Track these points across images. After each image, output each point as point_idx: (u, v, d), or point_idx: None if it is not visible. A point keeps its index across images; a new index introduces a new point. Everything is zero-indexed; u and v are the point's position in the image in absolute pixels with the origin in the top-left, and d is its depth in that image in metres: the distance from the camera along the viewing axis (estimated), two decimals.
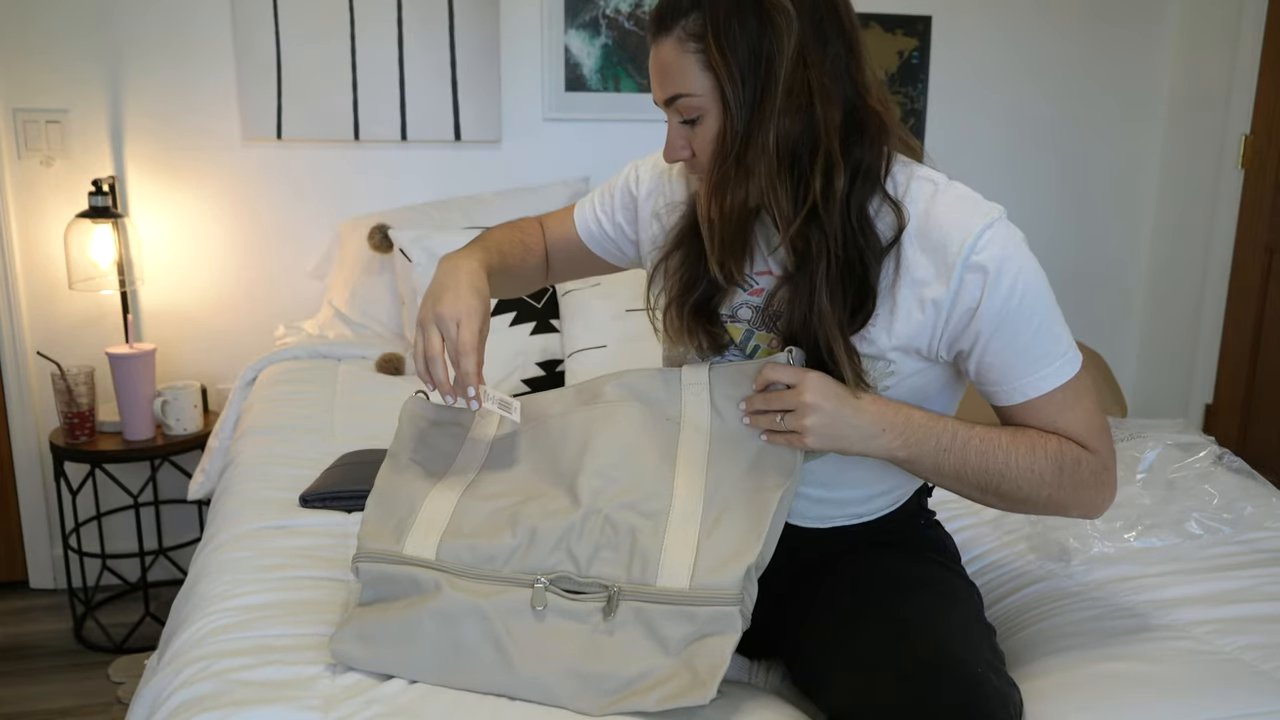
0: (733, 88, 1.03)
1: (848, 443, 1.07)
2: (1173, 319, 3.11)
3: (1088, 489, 1.11)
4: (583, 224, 1.36)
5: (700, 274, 1.16)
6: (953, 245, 1.05)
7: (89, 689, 2.20)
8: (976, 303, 1.05)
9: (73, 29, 2.40)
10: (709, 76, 1.04)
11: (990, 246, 1.04)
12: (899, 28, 2.86)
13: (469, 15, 2.57)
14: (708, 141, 1.07)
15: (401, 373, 2.30)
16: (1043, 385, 1.09)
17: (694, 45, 1.04)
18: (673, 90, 1.07)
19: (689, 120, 1.08)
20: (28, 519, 2.60)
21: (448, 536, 1.09)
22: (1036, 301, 1.07)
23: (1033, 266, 1.07)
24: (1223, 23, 2.87)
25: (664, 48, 1.06)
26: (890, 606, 1.08)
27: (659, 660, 1.00)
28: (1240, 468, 1.68)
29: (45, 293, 2.50)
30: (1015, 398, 1.10)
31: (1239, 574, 1.35)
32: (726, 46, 1.02)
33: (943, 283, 1.06)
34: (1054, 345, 1.09)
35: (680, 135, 1.10)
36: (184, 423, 2.40)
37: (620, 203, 1.32)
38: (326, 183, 2.61)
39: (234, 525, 1.49)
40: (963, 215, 1.06)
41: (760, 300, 1.16)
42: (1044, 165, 3.06)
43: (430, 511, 1.12)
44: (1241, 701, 1.07)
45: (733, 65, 1.02)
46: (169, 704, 1.03)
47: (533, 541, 1.07)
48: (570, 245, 1.37)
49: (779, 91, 1.03)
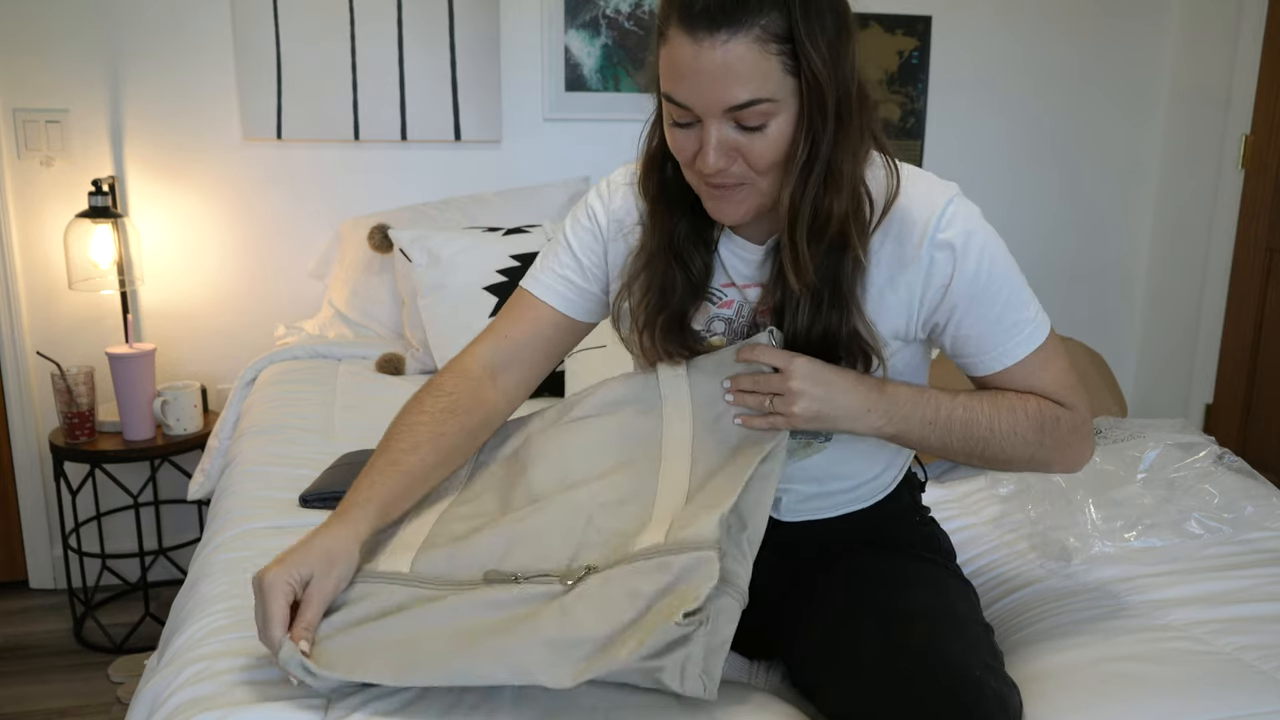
0: (823, 89, 0.97)
1: (834, 423, 1.07)
2: (1173, 319, 3.11)
3: (1067, 445, 1.14)
4: (552, 295, 1.21)
5: (673, 289, 1.12)
6: (917, 225, 1.07)
7: (89, 689, 2.20)
8: (948, 279, 1.07)
9: (72, 29, 2.40)
10: (791, 80, 0.97)
11: (955, 223, 1.06)
12: (899, 28, 2.86)
13: (469, 15, 2.57)
14: (775, 147, 0.99)
15: (402, 372, 2.30)
16: (1017, 352, 1.11)
17: (776, 46, 0.95)
18: (748, 95, 0.96)
19: (751, 127, 0.99)
20: (28, 519, 2.60)
21: (423, 550, 1.07)
22: (1004, 272, 1.09)
23: (995, 239, 1.10)
24: (1223, 22, 2.87)
25: (735, 47, 0.94)
26: (887, 606, 1.08)
27: (632, 614, 0.93)
28: (1240, 467, 1.68)
29: (45, 293, 2.50)
30: (992, 366, 1.12)
31: (1239, 574, 1.35)
32: (815, 47, 0.95)
33: (911, 263, 1.07)
34: (1023, 312, 1.11)
35: (729, 143, 1.00)
36: (184, 423, 2.40)
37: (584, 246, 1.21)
38: (326, 183, 2.61)
39: (234, 525, 1.49)
40: (922, 195, 1.08)
41: (732, 312, 1.16)
42: (1044, 165, 3.06)
43: (407, 533, 1.11)
44: (1241, 701, 1.06)
45: (821, 66, 0.96)
46: (169, 704, 1.03)
47: (510, 544, 1.05)
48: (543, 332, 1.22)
49: (855, 92, 1.00)
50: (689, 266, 1.12)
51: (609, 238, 1.21)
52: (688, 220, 1.12)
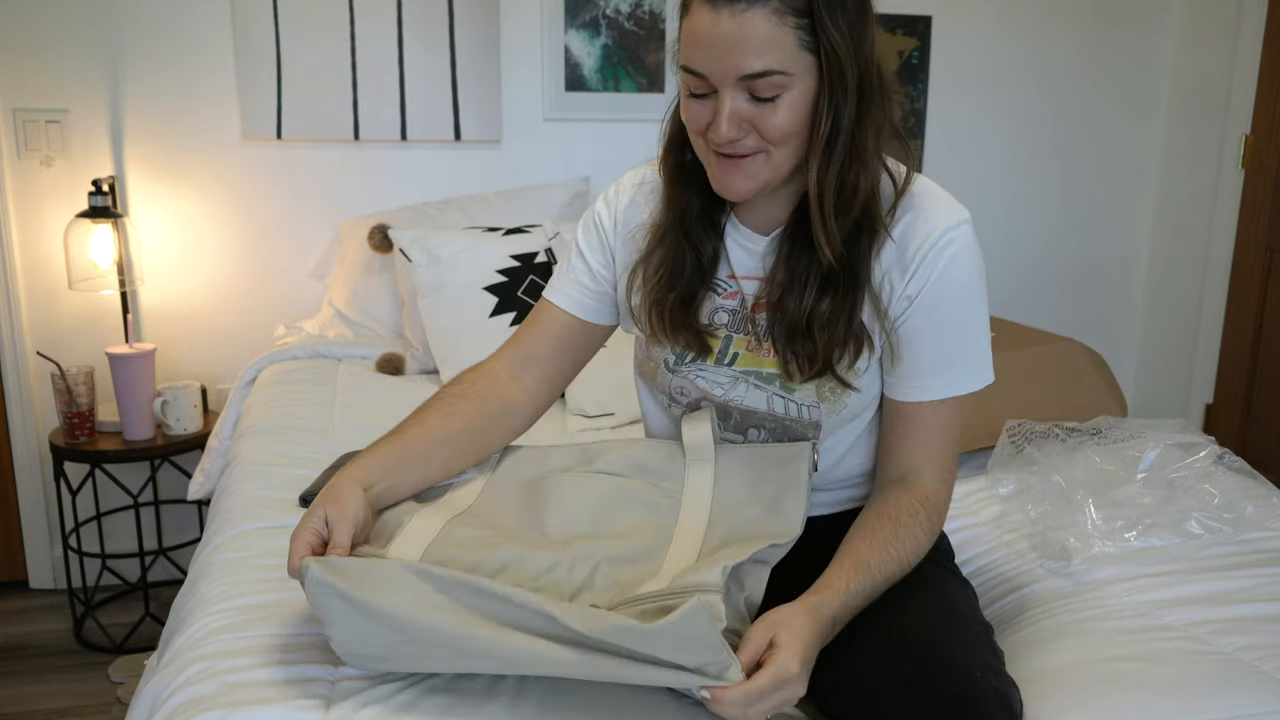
0: (838, 67, 0.98)
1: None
2: (1173, 319, 3.11)
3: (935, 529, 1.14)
4: (565, 300, 1.25)
5: (683, 269, 1.15)
6: (918, 239, 1.08)
7: (89, 689, 2.20)
8: (917, 294, 1.09)
9: (72, 29, 2.40)
10: (808, 56, 0.98)
11: (950, 248, 1.08)
12: (899, 28, 2.86)
13: (469, 15, 2.57)
14: (790, 119, 1.01)
15: (402, 372, 2.30)
16: (946, 389, 1.12)
17: (794, 20, 0.96)
18: (762, 66, 0.97)
19: (765, 98, 1.00)
20: (28, 519, 2.60)
21: (433, 548, 1.08)
22: (971, 310, 1.11)
23: (977, 276, 1.11)
24: (1223, 23, 2.87)
25: (752, 18, 0.96)
26: (887, 607, 1.08)
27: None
28: (1241, 467, 1.68)
29: (45, 293, 2.50)
30: (919, 395, 1.12)
31: (1239, 574, 1.35)
32: (836, 24, 0.97)
33: (903, 268, 1.09)
34: (974, 355, 1.12)
35: (741, 113, 1.01)
36: (184, 423, 2.40)
37: (592, 249, 1.25)
38: (326, 183, 2.61)
39: (234, 525, 1.49)
40: (936, 210, 1.10)
41: (735, 303, 1.17)
42: (1044, 165, 3.06)
43: (417, 527, 1.11)
44: (1241, 701, 1.06)
45: (842, 42, 0.98)
46: (169, 704, 1.03)
47: (519, 565, 1.06)
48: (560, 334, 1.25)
49: (874, 72, 1.02)
50: (699, 248, 1.15)
51: (616, 240, 1.23)
52: (700, 200, 1.14)
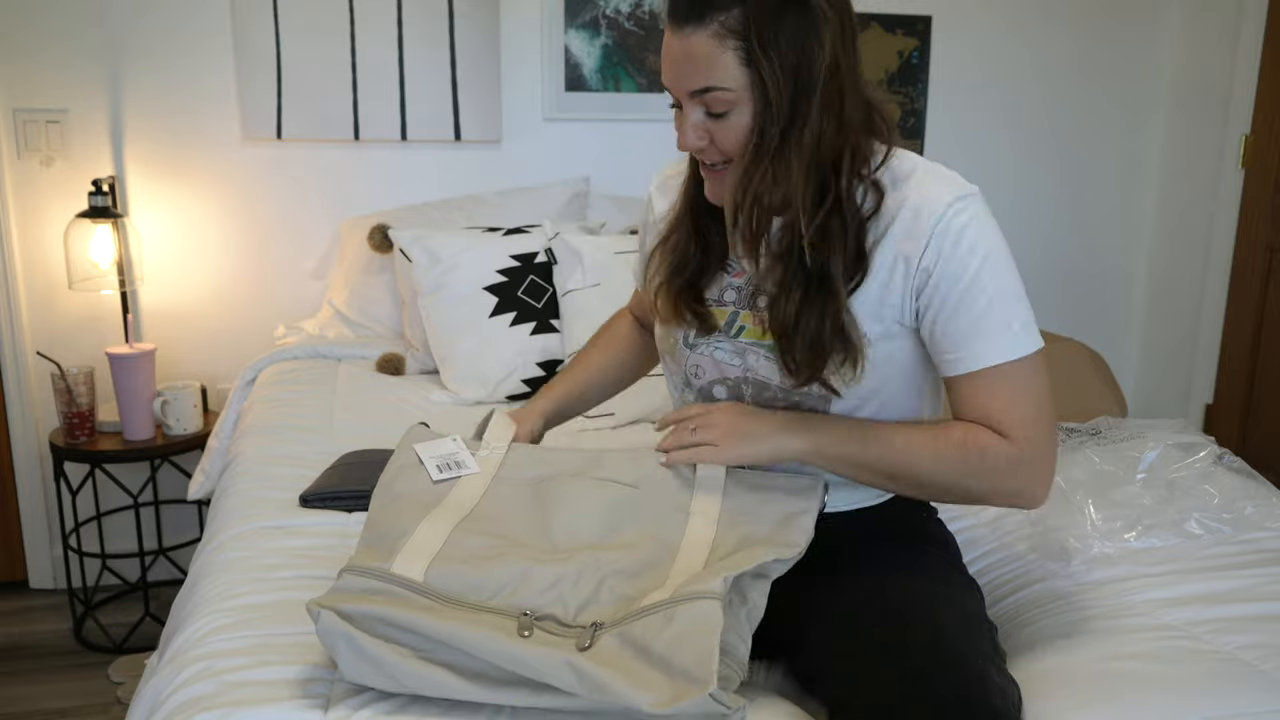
0: (774, 86, 1.04)
1: (755, 443, 1.13)
2: (1173, 319, 3.11)
3: (1001, 477, 1.12)
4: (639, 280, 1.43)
5: (690, 255, 1.21)
6: (925, 213, 1.09)
7: (89, 689, 2.20)
8: (934, 265, 1.09)
9: (72, 29, 2.40)
10: (748, 72, 1.04)
11: (959, 216, 1.09)
12: (899, 28, 2.86)
13: (469, 15, 2.57)
14: (737, 135, 1.08)
15: (402, 372, 2.30)
16: (987, 356, 1.10)
17: (734, 41, 1.04)
18: (704, 83, 1.06)
19: (717, 113, 1.08)
20: (28, 519, 2.60)
21: (437, 562, 1.08)
22: (996, 276, 1.10)
23: (996, 242, 1.11)
24: (1223, 22, 2.87)
25: (696, 39, 1.05)
26: (891, 599, 1.09)
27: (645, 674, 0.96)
28: (1240, 468, 1.68)
29: (45, 293, 2.50)
30: (959, 369, 1.12)
31: (1239, 574, 1.35)
32: (770, 45, 1.03)
33: (916, 244, 1.10)
34: (1008, 319, 1.10)
35: (701, 126, 1.10)
36: (184, 423, 2.40)
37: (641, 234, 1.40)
38: (326, 183, 2.61)
39: (234, 525, 1.49)
40: (938, 189, 1.11)
41: (743, 281, 1.20)
42: (1044, 165, 3.06)
43: (422, 537, 1.11)
44: (1241, 701, 1.06)
45: (775, 63, 1.03)
46: (169, 704, 1.03)
47: (524, 580, 1.06)
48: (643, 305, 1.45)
49: (818, 91, 1.04)
50: (706, 236, 1.21)
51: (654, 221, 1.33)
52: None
